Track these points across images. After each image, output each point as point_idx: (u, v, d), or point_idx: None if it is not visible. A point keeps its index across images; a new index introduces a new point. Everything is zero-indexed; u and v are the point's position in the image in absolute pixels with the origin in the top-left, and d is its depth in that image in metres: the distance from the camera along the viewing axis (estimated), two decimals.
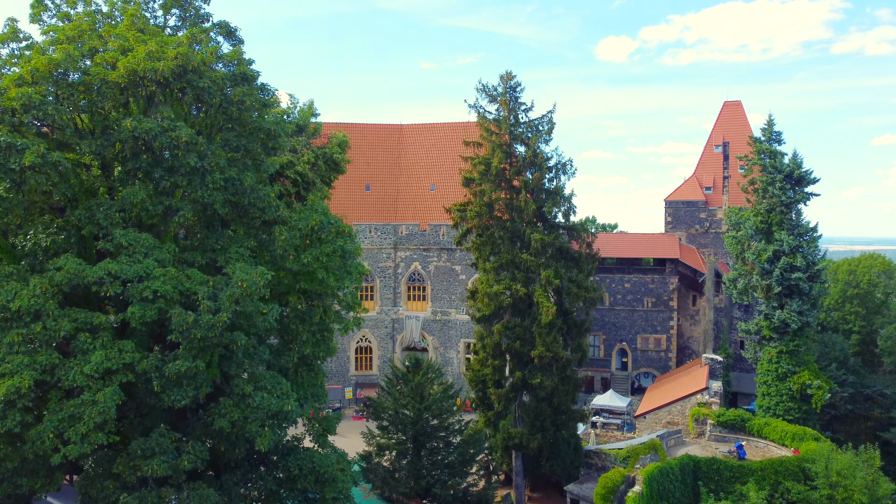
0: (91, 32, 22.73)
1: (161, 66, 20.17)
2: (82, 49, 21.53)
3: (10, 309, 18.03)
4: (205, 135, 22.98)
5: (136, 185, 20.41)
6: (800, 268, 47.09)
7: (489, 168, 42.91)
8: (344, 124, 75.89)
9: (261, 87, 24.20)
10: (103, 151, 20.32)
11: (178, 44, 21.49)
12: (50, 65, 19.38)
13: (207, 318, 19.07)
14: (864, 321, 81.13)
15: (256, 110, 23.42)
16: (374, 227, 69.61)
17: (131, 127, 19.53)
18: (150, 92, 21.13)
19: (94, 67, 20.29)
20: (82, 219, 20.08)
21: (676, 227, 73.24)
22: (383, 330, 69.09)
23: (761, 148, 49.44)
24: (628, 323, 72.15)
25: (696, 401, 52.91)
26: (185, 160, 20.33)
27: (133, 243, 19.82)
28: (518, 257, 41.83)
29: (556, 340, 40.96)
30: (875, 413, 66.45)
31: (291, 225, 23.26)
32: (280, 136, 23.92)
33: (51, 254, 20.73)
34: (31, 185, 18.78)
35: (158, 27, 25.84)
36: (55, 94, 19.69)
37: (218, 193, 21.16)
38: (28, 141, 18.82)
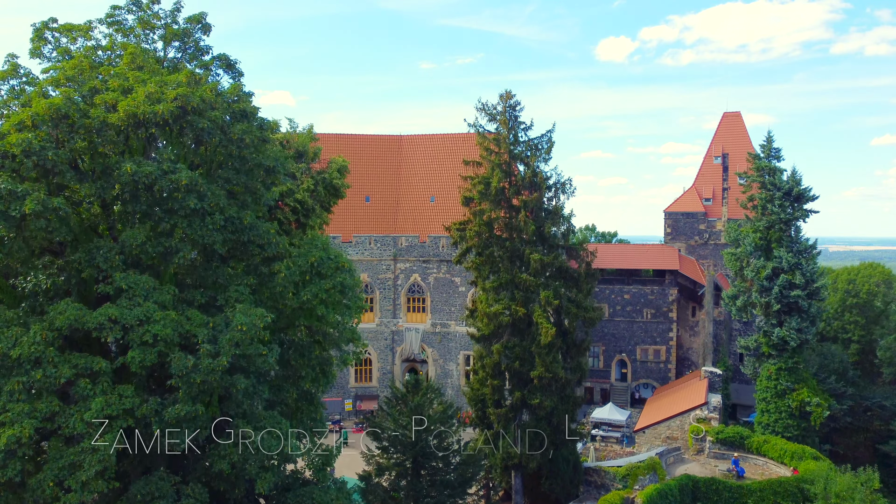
0: (91, 71, 22.80)
1: (161, 109, 20.23)
2: (82, 89, 21.61)
3: (11, 357, 18.09)
4: (204, 173, 23.03)
5: (136, 227, 20.46)
6: (799, 285, 47.16)
7: (488, 187, 42.99)
8: (344, 135, 76.09)
9: (260, 125, 24.24)
10: (103, 194, 20.37)
11: (178, 84, 21.53)
12: (50, 109, 19.43)
13: (207, 362, 19.15)
14: (863, 331, 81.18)
15: (256, 146, 23.47)
16: (373, 239, 69.67)
17: (131, 171, 19.59)
18: (150, 134, 21.19)
19: (95, 110, 20.35)
20: (82, 262, 20.15)
21: (676, 238, 73.30)
22: (383, 342, 69.16)
23: (760, 164, 49.50)
24: (628, 334, 72.20)
25: (696, 416, 53.00)
26: (184, 202, 20.39)
27: (133, 286, 19.88)
28: (517, 277, 41.91)
29: (555, 360, 41.06)
30: (874, 425, 66.54)
31: (291, 261, 23.29)
32: (279, 171, 23.97)
33: (51, 295, 20.79)
34: (31, 231, 18.82)
35: (158, 59, 25.89)
36: (56, 137, 19.72)
37: (218, 234, 21.23)
38: (28, 186, 18.89)
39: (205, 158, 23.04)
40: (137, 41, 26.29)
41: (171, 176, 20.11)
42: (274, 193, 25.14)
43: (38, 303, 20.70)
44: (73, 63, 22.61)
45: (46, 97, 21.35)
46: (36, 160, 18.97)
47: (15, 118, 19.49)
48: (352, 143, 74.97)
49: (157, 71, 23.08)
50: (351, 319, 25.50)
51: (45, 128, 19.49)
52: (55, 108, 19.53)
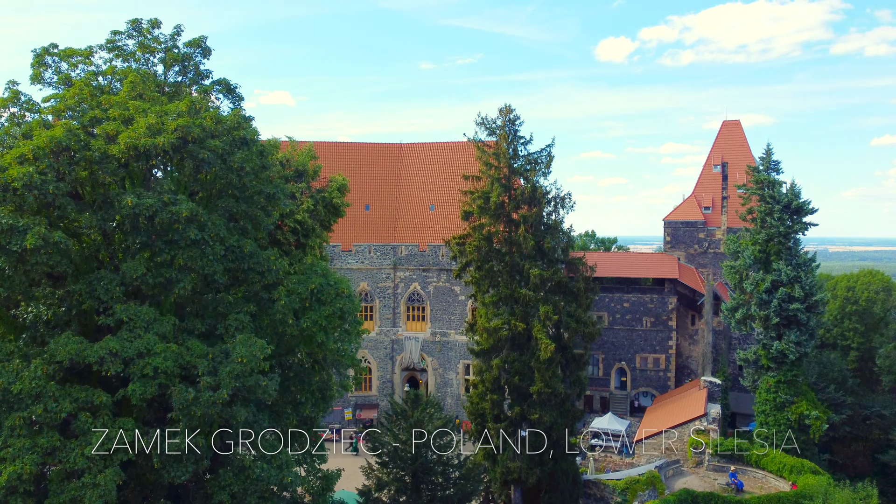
0: (91, 99, 22.87)
1: (161, 141, 20.31)
2: (83, 119, 21.68)
3: (12, 391, 18.17)
4: (204, 200, 23.11)
5: (137, 258, 20.53)
6: (798, 298, 47.25)
7: (488, 202, 43.06)
8: (344, 144, 76.24)
9: (260, 151, 24.31)
10: (104, 225, 20.45)
11: (178, 114, 21.60)
12: (52, 142, 19.50)
13: (208, 395, 19.23)
14: (862, 338, 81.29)
15: (256, 173, 23.55)
16: (373, 248, 69.76)
17: (132, 203, 19.67)
18: (151, 165, 21.27)
19: (95, 141, 20.42)
20: (83, 293, 20.23)
21: (675, 246, 73.38)
22: (383, 351, 69.25)
23: (760, 177, 49.57)
24: (627, 342, 72.31)
25: (695, 427, 53.07)
26: (185, 233, 20.47)
27: (134, 318, 19.97)
28: (517, 292, 41.99)
29: (554, 375, 41.13)
30: (874, 434, 66.65)
31: (291, 287, 23.37)
32: (280, 197, 24.04)
33: (52, 325, 20.86)
34: (32, 265, 18.90)
35: (159, 84, 25.95)
36: (57, 169, 19.79)
37: (218, 264, 21.30)
38: (29, 220, 18.96)
39: (204, 186, 23.12)
40: (138, 65, 26.36)
41: (171, 208, 20.18)
42: (274, 217, 25.18)
43: (38, 333, 20.77)
44: (74, 91, 22.69)
45: (47, 127, 21.43)
46: (37, 194, 19.04)
47: (16, 151, 19.55)
48: (352, 152, 75.12)
49: (157, 99, 23.15)
50: (351, 345, 25.57)
51: (47, 160, 19.54)
52: (56, 142, 19.60)
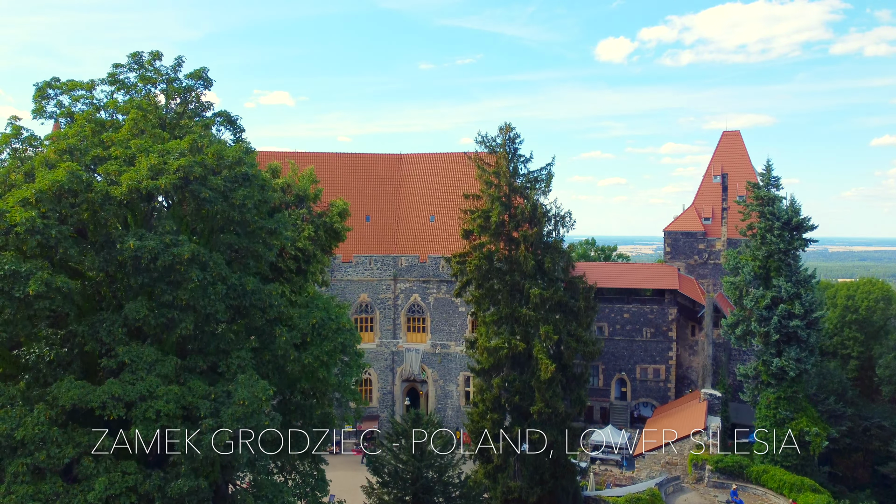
0: (93, 136, 22.94)
1: (163, 183, 20.38)
2: (85, 158, 21.75)
3: (15, 438, 18.25)
4: (205, 237, 23.18)
5: (139, 299, 20.59)
6: (798, 315, 47.33)
7: (488, 221, 43.17)
8: (344, 154, 76.28)
9: (262, 185, 24.38)
10: (106, 266, 20.52)
11: (180, 153, 21.66)
12: (54, 186, 19.56)
13: (209, 437, 19.30)
14: (862, 346, 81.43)
15: (258, 208, 23.61)
16: (374, 259, 69.82)
17: (134, 246, 19.73)
18: (153, 206, 21.33)
19: (98, 183, 20.48)
20: (85, 335, 20.30)
21: (675, 257, 73.47)
22: (383, 362, 69.32)
23: (760, 193, 49.64)
24: (627, 353, 72.40)
25: (695, 442, 53.18)
26: (187, 274, 20.53)
27: (136, 359, 20.04)
28: (517, 311, 42.09)
29: (555, 394, 41.24)
30: (873, 445, 66.73)
31: (292, 324, 23.44)
32: (282, 232, 24.11)
33: (54, 366, 20.93)
34: (35, 310, 18.97)
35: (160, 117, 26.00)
36: (59, 212, 19.85)
37: (220, 303, 21.36)
38: (32, 265, 19.02)
39: (206, 222, 23.17)
40: (139, 97, 26.42)
41: (173, 249, 20.25)
42: (276, 250, 25.24)
43: (40, 374, 20.85)
44: (75, 130, 22.74)
45: (50, 166, 21.49)
46: (40, 238, 19.10)
47: (18, 193, 19.61)
48: (352, 163, 75.21)
49: (158, 135, 23.20)
50: (352, 379, 25.65)
51: (49, 204, 19.61)
52: (59, 185, 19.65)
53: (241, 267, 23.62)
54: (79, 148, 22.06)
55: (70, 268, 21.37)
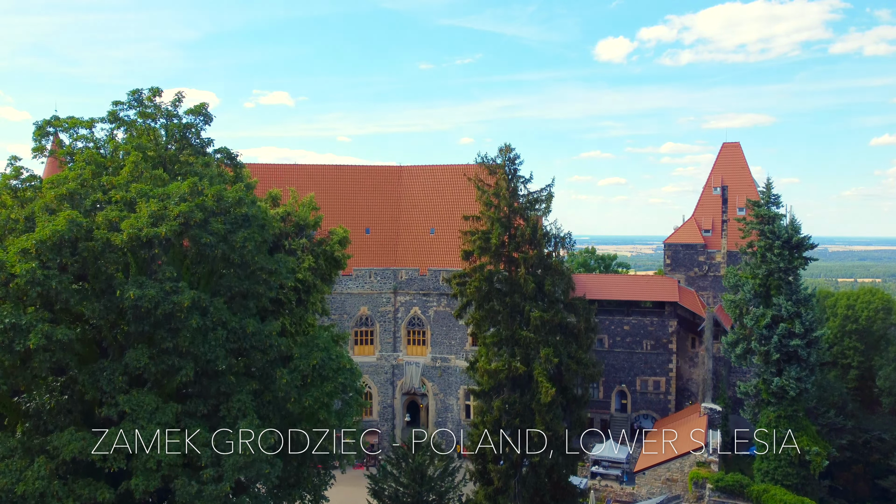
0: (94, 179, 22.91)
1: (164, 231, 20.36)
2: (85, 203, 21.71)
3: (16, 492, 18.24)
4: (205, 278, 23.16)
5: (139, 348, 20.58)
6: (798, 334, 47.30)
7: (488, 242, 43.13)
8: (345, 167, 76.32)
9: (261, 224, 24.36)
10: (106, 315, 20.50)
11: (181, 197, 21.64)
12: (54, 236, 19.54)
13: (211, 487, 19.30)
14: (862, 356, 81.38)
15: (259, 248, 23.59)
16: (374, 272, 69.81)
17: (135, 296, 19.71)
18: (154, 254, 21.31)
19: (98, 231, 20.45)
20: (86, 384, 20.29)
21: (675, 269, 73.46)
22: (383, 376, 69.33)
23: (760, 212, 49.59)
24: (627, 365, 72.38)
25: (695, 459, 53.18)
26: (187, 321, 20.52)
27: (136, 408, 20.03)
28: (518, 334, 42.07)
29: (555, 417, 41.23)
30: (873, 458, 66.71)
31: (292, 365, 23.43)
32: (282, 273, 24.08)
33: (55, 413, 20.91)
34: (36, 362, 18.97)
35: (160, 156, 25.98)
36: (59, 261, 19.83)
37: (220, 349, 21.36)
38: (32, 317, 19.01)
39: (206, 264, 23.16)
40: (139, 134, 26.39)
41: (173, 297, 20.25)
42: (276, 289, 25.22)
43: (41, 421, 20.83)
44: (76, 173, 22.71)
45: (50, 211, 21.46)
46: (40, 290, 19.09)
47: (18, 244, 19.60)
48: (352, 175, 75.21)
49: (159, 178, 23.17)
50: (352, 419, 25.65)
51: (49, 254, 19.59)
52: (59, 235, 19.63)
53: (240, 307, 23.60)
54: (79, 192, 22.03)
55: (70, 313, 21.35)
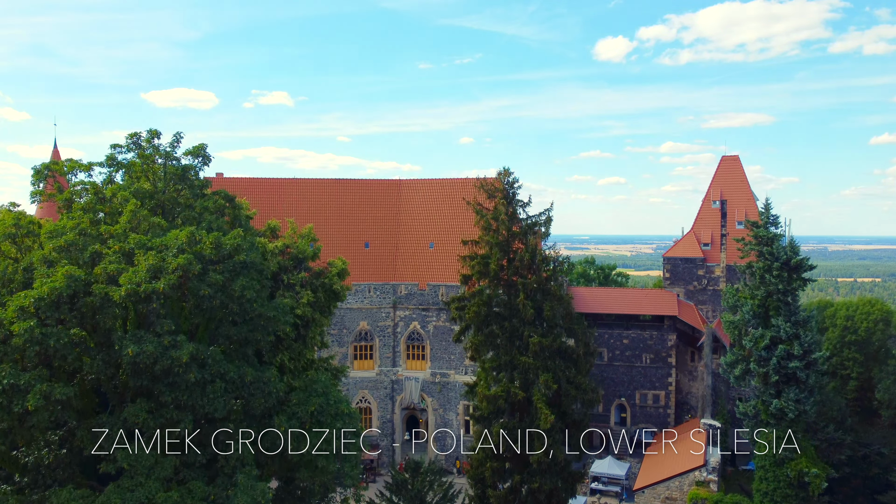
0: (92, 228, 22.92)
1: (162, 285, 20.38)
2: (83, 256, 21.73)
3: None
4: (203, 326, 23.18)
5: (137, 402, 20.62)
6: (797, 356, 47.33)
7: (487, 267, 43.16)
8: (344, 181, 76.34)
9: (259, 270, 24.37)
10: (105, 370, 20.53)
11: (179, 248, 21.66)
12: (53, 293, 19.57)
13: None
14: (861, 367, 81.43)
15: (258, 295, 23.61)
16: (373, 287, 69.85)
17: (133, 353, 19.73)
18: (152, 308, 21.34)
19: (96, 286, 20.48)
20: (84, 439, 20.30)
21: (675, 283, 73.46)
22: (383, 391, 69.39)
23: (759, 233, 49.60)
24: (627, 378, 72.44)
25: (695, 478, 53.32)
26: (185, 375, 20.55)
27: (134, 464, 20.06)
28: (517, 359, 42.11)
29: (555, 442, 41.28)
30: (872, 472, 66.72)
31: (291, 412, 23.47)
32: (280, 319, 24.10)
33: (53, 467, 20.94)
34: (35, 422, 19.00)
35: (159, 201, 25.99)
36: (58, 318, 19.86)
37: (219, 400, 21.39)
38: (31, 376, 19.04)
39: (204, 315, 23.18)
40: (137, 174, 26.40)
41: (172, 352, 20.29)
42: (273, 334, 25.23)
43: (40, 476, 20.87)
44: (73, 223, 22.73)
45: (49, 264, 21.48)
46: (39, 349, 19.12)
47: (17, 301, 19.61)
48: (353, 188, 75.28)
49: (157, 226, 23.18)
50: (352, 466, 25.69)
51: (48, 311, 19.62)
52: (57, 293, 19.65)
53: (239, 355, 23.63)
54: (77, 243, 22.04)
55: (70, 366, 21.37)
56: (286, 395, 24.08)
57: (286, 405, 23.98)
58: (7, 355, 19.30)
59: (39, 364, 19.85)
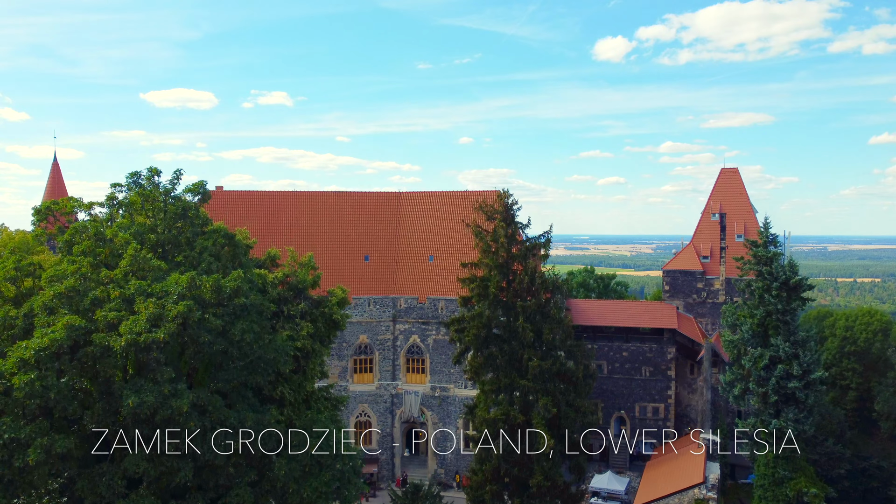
0: (93, 272, 22.98)
1: (162, 335, 20.45)
2: (84, 303, 21.79)
3: None
4: (202, 370, 23.25)
5: (138, 452, 20.68)
6: (796, 376, 47.42)
7: (486, 290, 43.26)
8: (344, 193, 76.40)
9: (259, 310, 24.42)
10: (105, 419, 20.60)
11: (179, 295, 21.72)
12: (53, 345, 19.63)
13: None
14: (861, 378, 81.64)
15: (258, 338, 23.68)
16: (373, 301, 69.95)
17: (133, 404, 19.80)
18: (152, 357, 21.41)
19: (97, 335, 20.54)
20: (85, 489, 20.39)
21: (674, 296, 73.58)
22: (382, 405, 69.49)
23: (758, 253, 49.68)
24: (626, 391, 72.55)
25: (694, 496, 53.40)
26: (185, 423, 20.62)
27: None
28: (517, 382, 42.22)
29: (554, 466, 41.43)
30: (871, 485, 66.89)
31: (291, 455, 23.53)
32: (280, 361, 24.17)
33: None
34: (36, 476, 19.07)
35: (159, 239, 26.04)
36: (58, 368, 19.94)
37: (220, 448, 21.45)
38: (31, 429, 19.11)
39: (205, 359, 23.25)
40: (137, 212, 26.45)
41: (172, 402, 20.36)
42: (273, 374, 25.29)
43: None
44: (74, 267, 22.78)
45: (49, 311, 21.53)
46: (39, 402, 19.19)
47: (17, 353, 19.68)
48: (353, 201, 75.38)
49: (157, 270, 23.24)
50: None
51: (48, 362, 19.69)
52: (58, 344, 19.72)
53: (240, 398, 23.70)
54: (77, 289, 22.10)
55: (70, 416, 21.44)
56: (286, 438, 24.13)
57: (286, 448, 24.04)
58: (7, 407, 19.37)
59: (40, 416, 19.93)
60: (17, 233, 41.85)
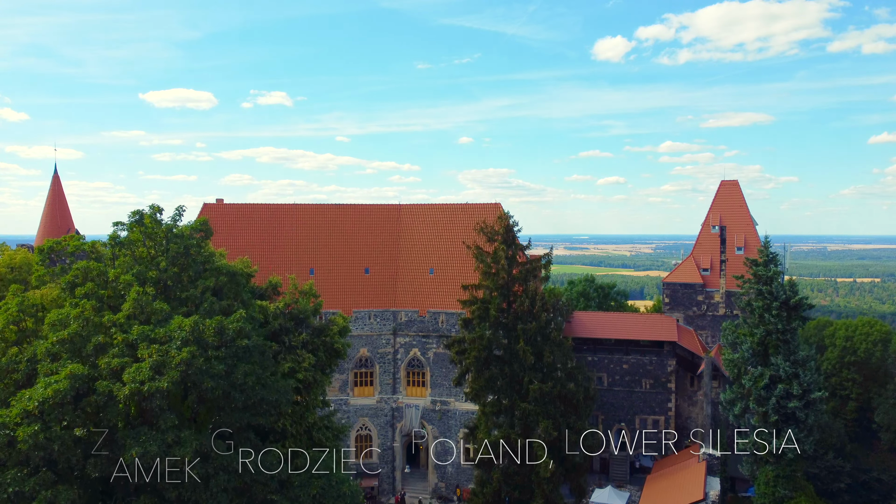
0: (95, 315, 23.03)
1: (165, 384, 20.52)
2: (87, 348, 21.85)
3: None
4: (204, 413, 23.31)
5: (142, 498, 20.76)
6: (796, 395, 47.51)
7: (487, 312, 43.34)
8: (345, 206, 76.55)
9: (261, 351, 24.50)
10: (108, 468, 20.67)
11: (183, 340, 21.78)
12: (57, 396, 19.69)
13: None
14: (861, 388, 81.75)
15: (260, 381, 23.75)
16: (373, 314, 70.00)
17: (136, 455, 19.87)
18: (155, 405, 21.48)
19: (100, 382, 20.61)
20: None
21: (674, 308, 73.65)
22: (383, 418, 69.55)
23: (758, 272, 49.76)
24: (626, 403, 72.57)
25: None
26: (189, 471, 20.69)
27: None
28: (517, 404, 42.31)
29: (555, 489, 41.52)
30: (872, 497, 67.00)
31: (293, 495, 23.61)
32: (282, 403, 24.24)
33: None
34: None
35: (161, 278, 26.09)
36: (62, 417, 20.00)
37: (222, 494, 21.52)
38: (36, 481, 19.18)
39: (207, 402, 23.31)
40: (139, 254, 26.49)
41: (175, 450, 20.43)
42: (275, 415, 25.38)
43: None
44: (77, 311, 22.83)
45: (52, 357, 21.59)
46: (43, 454, 19.25)
47: (20, 404, 19.75)
48: (353, 213, 75.49)
49: (160, 313, 23.30)
50: None
51: (52, 412, 19.75)
52: (61, 395, 19.78)
53: (243, 440, 23.77)
54: (80, 334, 22.16)
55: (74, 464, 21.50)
56: (288, 476, 24.21)
57: (288, 488, 24.12)
58: (11, 459, 19.44)
59: (43, 466, 20.00)
60: (18, 250, 41.90)
